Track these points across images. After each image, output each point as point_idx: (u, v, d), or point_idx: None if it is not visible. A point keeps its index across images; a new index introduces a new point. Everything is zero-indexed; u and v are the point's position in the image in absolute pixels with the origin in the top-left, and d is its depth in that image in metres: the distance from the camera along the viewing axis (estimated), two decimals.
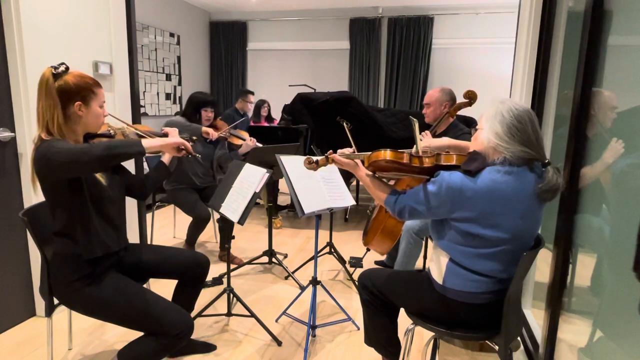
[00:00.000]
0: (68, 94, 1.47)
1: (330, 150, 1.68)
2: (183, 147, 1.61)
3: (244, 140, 3.19)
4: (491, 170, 1.31)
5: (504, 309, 1.38)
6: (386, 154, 1.46)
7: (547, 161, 1.36)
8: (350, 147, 1.59)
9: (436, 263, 1.49)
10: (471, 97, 2.46)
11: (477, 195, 1.29)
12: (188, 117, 3.00)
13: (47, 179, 1.47)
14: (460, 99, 2.50)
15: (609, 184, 1.31)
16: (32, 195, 2.15)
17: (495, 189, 1.29)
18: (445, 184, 1.32)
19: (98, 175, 1.58)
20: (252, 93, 4.98)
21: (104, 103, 1.60)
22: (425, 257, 2.69)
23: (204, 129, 2.92)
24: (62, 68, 1.49)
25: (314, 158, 1.70)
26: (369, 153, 1.55)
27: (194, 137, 1.95)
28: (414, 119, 1.63)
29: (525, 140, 1.30)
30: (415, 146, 1.56)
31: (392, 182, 2.53)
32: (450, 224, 1.39)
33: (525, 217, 1.32)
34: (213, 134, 2.94)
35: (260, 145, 3.25)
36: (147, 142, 1.45)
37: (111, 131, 1.71)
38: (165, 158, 1.91)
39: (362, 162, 1.61)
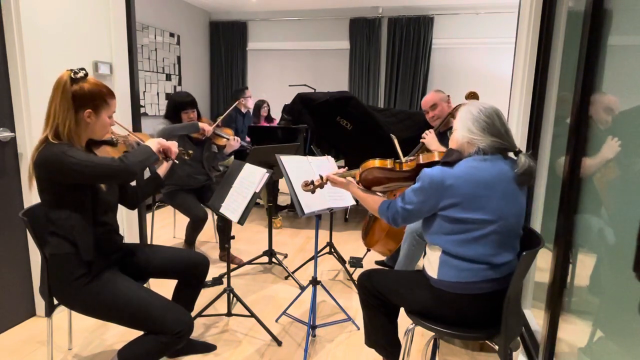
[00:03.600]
0: (81, 100, 1.48)
1: (325, 174, 1.81)
2: (162, 150, 1.69)
3: (228, 139, 3.15)
4: (468, 160, 1.44)
5: (503, 309, 1.38)
6: (374, 162, 1.62)
7: (518, 150, 1.48)
8: (397, 156, 1.71)
9: (430, 259, 1.52)
10: (473, 99, 2.46)
11: (458, 182, 1.39)
12: (171, 120, 2.95)
13: (50, 182, 1.46)
14: (462, 100, 2.51)
15: (608, 184, 1.31)
16: (32, 195, 2.16)
17: (474, 173, 1.40)
18: (428, 177, 1.43)
19: None
20: (247, 88, 4.98)
21: (114, 113, 1.61)
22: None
23: (201, 124, 2.91)
24: (82, 74, 1.49)
25: (309, 180, 1.83)
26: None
27: (190, 152, 1.97)
28: (393, 136, 1.82)
29: (495, 132, 1.44)
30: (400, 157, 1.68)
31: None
32: (438, 214, 1.46)
33: (506, 198, 1.41)
34: (209, 130, 2.94)
35: (244, 144, 3.23)
36: (152, 146, 1.59)
37: (114, 138, 1.70)
38: (160, 169, 1.89)
39: (354, 177, 1.73)
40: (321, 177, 1.81)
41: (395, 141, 1.76)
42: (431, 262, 1.51)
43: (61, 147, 1.42)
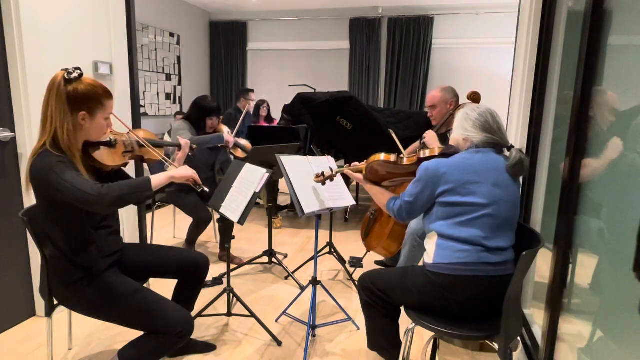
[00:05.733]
0: (75, 102, 1.42)
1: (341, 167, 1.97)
2: (192, 180, 1.59)
3: (247, 153, 3.19)
4: (462, 153, 1.57)
5: (503, 309, 1.39)
6: (380, 156, 1.76)
7: (510, 145, 1.58)
8: (399, 152, 1.88)
9: (427, 249, 1.57)
10: (475, 99, 2.46)
11: (452, 169, 1.50)
12: (192, 123, 2.99)
13: (44, 194, 1.45)
14: (463, 100, 2.50)
15: (608, 183, 1.31)
16: (32, 195, 2.15)
17: (466, 162, 1.51)
18: (424, 169, 1.55)
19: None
20: (252, 91, 5.01)
21: (111, 115, 1.54)
22: None
23: (225, 137, 2.94)
24: (76, 74, 1.42)
25: (320, 171, 1.97)
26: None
27: (194, 147, 1.92)
28: (391, 130, 2.00)
29: (487, 128, 1.55)
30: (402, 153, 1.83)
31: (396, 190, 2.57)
32: (435, 202, 1.56)
33: (498, 185, 1.49)
34: (232, 141, 2.99)
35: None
36: (155, 181, 1.44)
37: (112, 139, 1.64)
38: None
39: (362, 171, 1.85)
40: (331, 170, 1.96)
41: (394, 135, 1.93)
42: (428, 251, 1.57)
43: (51, 162, 1.37)
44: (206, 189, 1.63)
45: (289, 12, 6.74)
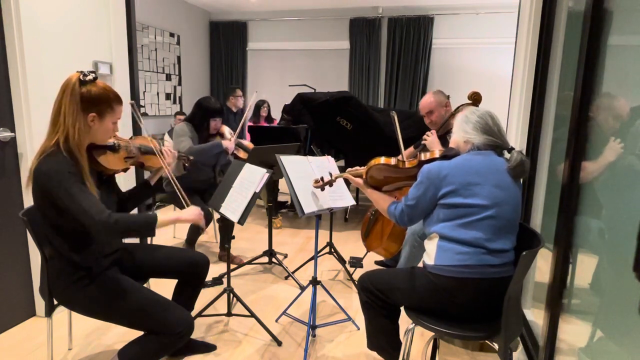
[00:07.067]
0: (86, 103, 1.46)
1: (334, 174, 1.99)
2: (197, 225, 1.64)
3: (249, 153, 3.18)
4: (463, 155, 1.57)
5: (503, 309, 1.39)
6: (380, 160, 1.74)
7: (510, 147, 1.59)
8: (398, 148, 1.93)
9: (428, 250, 1.57)
10: (476, 99, 2.45)
11: (453, 171, 1.51)
12: (195, 125, 2.97)
13: (45, 195, 1.45)
14: (463, 101, 2.50)
15: (609, 184, 1.31)
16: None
17: (467, 164, 1.52)
18: (426, 171, 1.55)
19: (91, 188, 1.49)
20: (239, 87, 5.00)
21: (119, 120, 1.58)
22: None
23: (224, 144, 2.92)
24: (91, 77, 1.47)
25: (319, 177, 1.97)
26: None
27: (191, 158, 1.94)
28: (393, 112, 1.94)
29: (487, 130, 1.56)
30: (401, 155, 1.83)
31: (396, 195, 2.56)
32: (437, 204, 1.55)
33: (500, 187, 1.49)
34: (231, 148, 2.97)
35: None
36: (161, 222, 1.47)
37: (116, 143, 1.68)
38: (152, 178, 1.87)
39: (362, 176, 1.84)
40: (330, 175, 1.96)
41: (396, 118, 1.95)
42: (429, 252, 1.56)
43: (62, 172, 1.38)
44: (205, 231, 1.69)
45: (289, 12, 6.74)
